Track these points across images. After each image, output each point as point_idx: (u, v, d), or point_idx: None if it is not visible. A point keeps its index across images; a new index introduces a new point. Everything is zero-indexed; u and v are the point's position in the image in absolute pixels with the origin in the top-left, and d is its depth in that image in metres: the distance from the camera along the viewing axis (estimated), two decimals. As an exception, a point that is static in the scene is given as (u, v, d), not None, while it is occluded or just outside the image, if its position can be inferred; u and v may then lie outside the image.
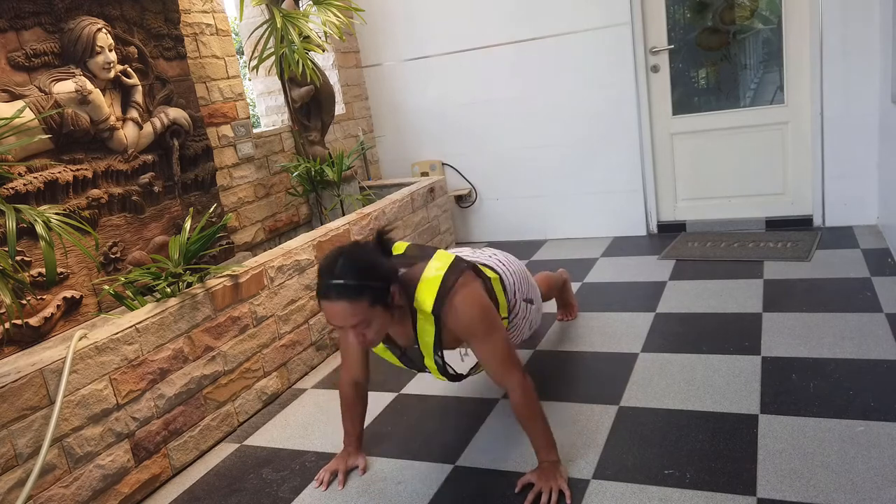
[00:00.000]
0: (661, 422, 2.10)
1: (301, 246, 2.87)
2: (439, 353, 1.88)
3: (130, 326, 2.10)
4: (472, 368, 2.17)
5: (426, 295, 1.77)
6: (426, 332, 1.82)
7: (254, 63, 3.48)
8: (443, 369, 1.95)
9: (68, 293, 2.45)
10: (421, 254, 1.92)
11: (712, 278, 3.27)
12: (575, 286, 3.39)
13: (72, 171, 2.49)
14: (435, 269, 1.81)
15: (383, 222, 3.47)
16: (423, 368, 1.99)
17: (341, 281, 1.63)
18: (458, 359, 2.17)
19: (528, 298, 2.26)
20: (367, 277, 1.66)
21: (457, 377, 2.05)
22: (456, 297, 1.77)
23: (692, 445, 1.96)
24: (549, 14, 4.05)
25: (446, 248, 2.54)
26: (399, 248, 1.96)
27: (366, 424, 2.35)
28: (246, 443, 2.39)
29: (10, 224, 1.82)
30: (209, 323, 2.38)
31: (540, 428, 1.84)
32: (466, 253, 2.27)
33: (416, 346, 1.89)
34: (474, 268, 1.96)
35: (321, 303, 1.68)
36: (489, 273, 2.08)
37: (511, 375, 1.82)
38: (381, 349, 2.01)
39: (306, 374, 2.87)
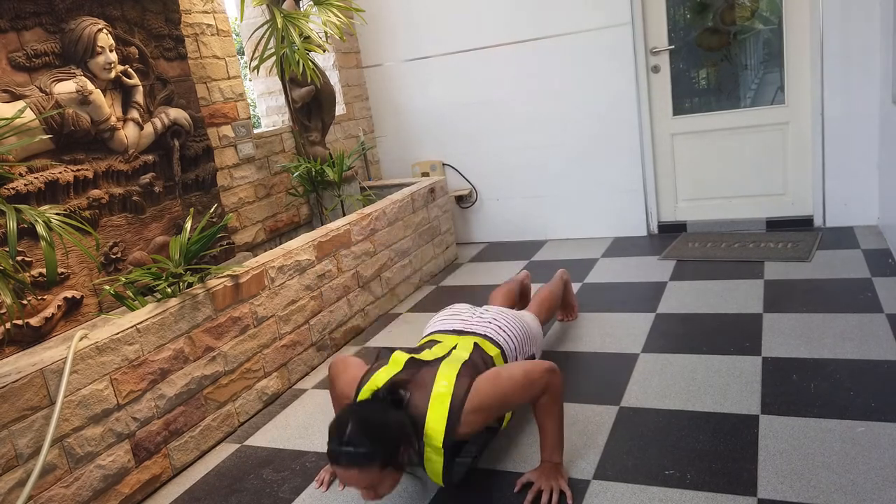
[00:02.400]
0: (662, 422, 2.10)
1: (301, 246, 2.87)
2: (449, 470, 1.82)
3: (131, 327, 2.10)
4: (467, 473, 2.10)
5: (435, 430, 1.71)
6: (433, 462, 1.75)
7: (254, 63, 3.48)
8: (447, 478, 1.84)
9: (69, 293, 2.45)
10: (421, 374, 1.82)
11: (713, 279, 3.27)
12: (575, 287, 3.39)
13: (72, 171, 2.49)
14: (441, 398, 1.73)
15: (384, 223, 3.47)
16: (422, 466, 1.85)
17: (351, 449, 1.59)
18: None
19: (530, 355, 2.26)
20: (377, 443, 1.61)
21: (459, 481, 1.97)
22: (465, 411, 1.73)
23: (693, 446, 1.96)
24: (550, 14, 4.05)
25: (438, 312, 2.36)
26: (397, 361, 1.87)
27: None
28: (246, 443, 2.39)
29: (11, 224, 1.82)
30: (210, 323, 2.38)
31: (552, 427, 1.84)
32: (465, 315, 2.21)
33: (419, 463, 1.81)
34: (474, 357, 1.92)
35: (331, 464, 1.64)
36: (491, 350, 2.02)
37: (541, 384, 1.80)
38: None
39: (307, 374, 2.87)
